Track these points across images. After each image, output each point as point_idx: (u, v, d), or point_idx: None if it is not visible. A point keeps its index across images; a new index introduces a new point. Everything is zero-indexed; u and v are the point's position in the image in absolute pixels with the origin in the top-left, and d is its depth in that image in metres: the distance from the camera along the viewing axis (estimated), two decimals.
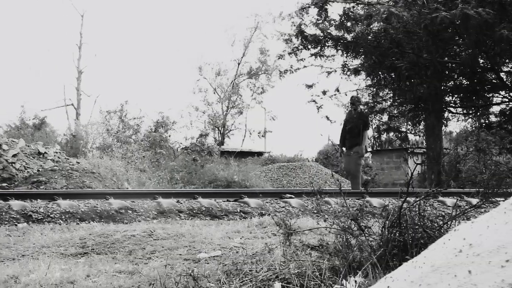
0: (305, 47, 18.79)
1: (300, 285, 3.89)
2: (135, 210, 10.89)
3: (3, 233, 8.67)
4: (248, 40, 38.15)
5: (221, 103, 38.24)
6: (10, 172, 19.24)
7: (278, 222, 4.93)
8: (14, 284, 4.92)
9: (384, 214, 4.48)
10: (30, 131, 31.45)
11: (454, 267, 1.91)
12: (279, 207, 11.71)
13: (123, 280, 5.01)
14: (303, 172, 25.71)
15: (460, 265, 1.91)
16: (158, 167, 24.25)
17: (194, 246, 6.73)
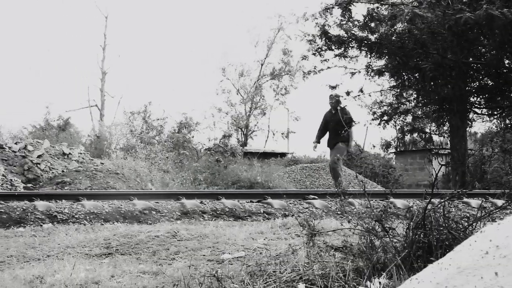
0: (329, 48, 18.75)
1: (324, 286, 3.87)
2: (159, 211, 10.92)
3: (28, 234, 8.73)
4: (272, 41, 38.14)
5: (244, 104, 38.24)
6: (35, 173, 19.40)
7: (302, 223, 4.93)
8: (39, 284, 4.96)
9: (409, 215, 4.45)
10: (55, 132, 31.68)
11: (480, 269, 1.90)
12: (302, 208, 11.69)
13: (147, 280, 5.02)
14: (327, 173, 25.60)
15: (486, 267, 1.89)
16: (181, 168, 24.30)
17: (217, 247, 6.74)
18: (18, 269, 5.80)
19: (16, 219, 9.88)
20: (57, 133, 31.52)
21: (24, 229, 9.39)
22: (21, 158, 20.03)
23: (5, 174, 17.45)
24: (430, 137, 28.02)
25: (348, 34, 18.35)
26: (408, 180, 29.75)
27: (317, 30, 18.92)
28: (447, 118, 22.49)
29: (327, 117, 14.53)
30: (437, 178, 4.73)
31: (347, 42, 18.30)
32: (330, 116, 14.35)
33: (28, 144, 21.38)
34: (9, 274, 5.38)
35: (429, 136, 28.00)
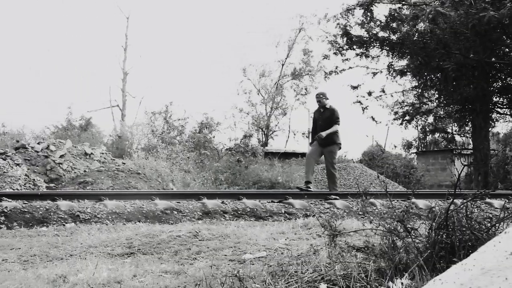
0: (350, 47, 18.70)
1: (346, 286, 3.87)
2: (180, 210, 10.95)
3: (51, 233, 8.80)
4: (293, 41, 38.10)
5: (265, 104, 38.22)
6: (57, 173, 19.55)
7: (323, 224, 4.92)
8: (62, 284, 4.99)
9: (431, 215, 4.43)
10: (77, 132, 31.88)
11: (505, 270, 1.89)
12: (323, 208, 11.67)
13: (169, 280, 5.04)
14: (348, 173, 25.55)
15: (511, 268, 1.88)
16: (202, 168, 24.36)
17: (239, 247, 6.74)
18: (41, 268, 5.84)
19: (39, 218, 9.96)
20: (79, 133, 31.72)
21: (47, 228, 9.46)
22: (44, 158, 20.19)
23: (28, 174, 17.59)
24: (452, 137, 27.87)
25: (370, 34, 18.29)
26: (430, 180, 29.59)
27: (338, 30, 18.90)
28: (470, 118, 22.34)
29: (315, 116, 14.25)
30: (459, 178, 4.71)
31: (368, 42, 18.25)
32: (318, 114, 14.03)
33: (51, 144, 21.55)
34: (32, 273, 5.42)
35: (451, 136, 27.85)
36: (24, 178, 16.84)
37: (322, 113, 13.79)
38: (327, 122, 13.57)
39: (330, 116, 13.60)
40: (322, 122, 13.69)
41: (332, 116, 13.59)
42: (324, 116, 13.71)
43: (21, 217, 9.89)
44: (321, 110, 13.88)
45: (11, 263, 6.30)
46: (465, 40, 17.68)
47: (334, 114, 13.63)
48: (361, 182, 23.50)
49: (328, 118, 13.60)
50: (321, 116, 13.81)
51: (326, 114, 13.69)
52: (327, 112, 13.69)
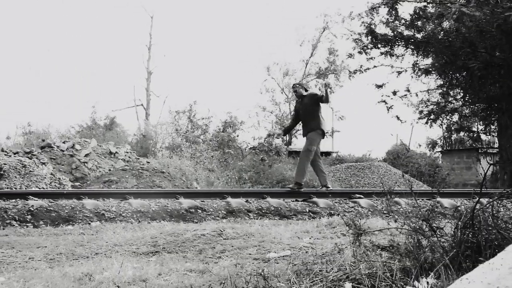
0: (374, 46, 18.61)
1: (371, 285, 3.86)
2: (204, 209, 10.98)
3: (77, 232, 8.87)
4: (317, 40, 37.98)
5: (289, 103, 38.15)
6: (82, 172, 19.68)
7: (348, 222, 4.91)
8: (88, 282, 5.02)
9: (457, 215, 4.40)
10: (102, 131, 32.07)
11: None
12: (348, 207, 11.64)
13: (194, 279, 5.05)
14: (372, 172, 25.45)
15: None
16: (226, 167, 24.39)
17: (263, 245, 6.75)
18: (67, 266, 5.89)
19: (65, 217, 10.04)
20: (104, 132, 31.91)
21: (72, 227, 9.54)
22: (69, 157, 20.34)
23: (54, 172, 17.73)
24: (478, 136, 27.63)
25: (395, 33, 18.20)
26: (455, 179, 29.38)
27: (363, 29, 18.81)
28: (495, 117, 22.15)
29: (296, 107, 13.88)
30: (485, 177, 4.67)
31: (393, 41, 18.16)
32: (298, 105, 13.62)
33: (76, 143, 21.71)
34: (58, 272, 5.46)
35: (477, 135, 27.62)
36: (50, 177, 16.97)
37: (301, 102, 13.35)
38: (309, 107, 13.06)
39: (310, 100, 13.07)
40: (304, 111, 13.24)
41: (313, 97, 13.06)
42: (304, 102, 13.22)
43: (47, 215, 9.98)
44: (299, 100, 13.51)
45: (37, 262, 6.36)
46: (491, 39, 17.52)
47: (315, 95, 13.10)
48: (386, 181, 23.40)
49: (308, 103, 13.08)
50: (301, 105, 13.36)
51: (305, 100, 13.19)
52: (305, 98, 13.19)
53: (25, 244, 7.52)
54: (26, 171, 16.29)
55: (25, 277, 5.18)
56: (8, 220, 9.70)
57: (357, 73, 21.27)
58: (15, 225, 9.59)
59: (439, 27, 18.39)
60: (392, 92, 21.31)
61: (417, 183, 24.26)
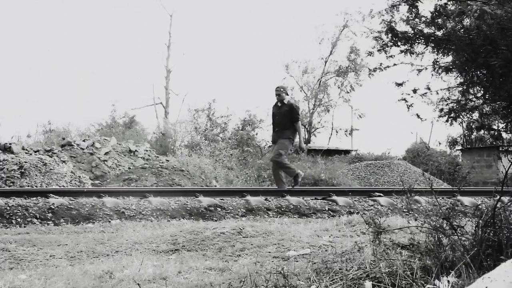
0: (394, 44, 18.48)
1: (391, 284, 3.85)
2: (224, 207, 11.01)
3: (97, 229, 8.92)
4: (336, 38, 37.89)
5: (308, 101, 38.10)
6: (102, 170, 19.78)
7: (368, 221, 4.90)
8: (109, 280, 5.05)
9: (477, 213, 4.38)
10: (121, 130, 32.17)
11: None
12: (367, 206, 11.62)
13: (214, 277, 5.07)
14: (391, 170, 25.38)
15: None
16: (245, 165, 24.39)
17: (283, 244, 6.75)
18: (88, 264, 5.93)
19: (85, 215, 10.10)
20: (123, 130, 32.01)
21: (93, 225, 9.59)
22: (89, 155, 20.45)
23: (74, 171, 17.84)
24: (499, 134, 27.41)
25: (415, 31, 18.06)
26: (475, 177, 29.20)
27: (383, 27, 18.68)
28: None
29: (273, 111, 13.50)
30: (507, 175, 4.64)
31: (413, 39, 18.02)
32: (276, 109, 13.31)
33: (96, 141, 21.82)
34: (79, 269, 5.50)
35: (497, 133, 27.40)
36: (70, 175, 17.08)
37: (280, 107, 13.13)
38: (285, 118, 12.95)
39: (288, 112, 12.95)
40: (280, 117, 13.09)
41: (291, 112, 12.99)
42: (281, 110, 13.05)
43: (68, 213, 10.04)
44: (278, 104, 13.23)
45: (58, 259, 6.41)
46: None
47: (294, 110, 13.08)
48: (405, 179, 23.31)
49: (286, 113, 12.96)
50: (279, 111, 13.15)
51: (284, 108, 13.01)
52: (285, 107, 13.02)
53: (46, 242, 7.57)
54: (46, 169, 16.40)
55: (46, 275, 5.21)
56: (29, 218, 9.77)
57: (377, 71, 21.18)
58: (36, 223, 9.66)
59: (459, 24, 18.20)
60: (412, 90, 21.16)
61: (437, 182, 24.16)
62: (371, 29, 19.48)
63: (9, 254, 6.63)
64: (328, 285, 4.00)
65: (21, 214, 9.84)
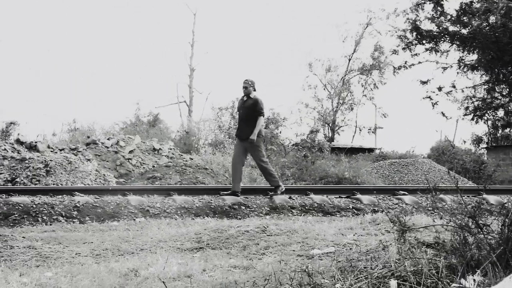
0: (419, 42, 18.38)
1: (416, 283, 3.84)
2: (248, 206, 11.03)
3: (122, 227, 8.97)
4: (360, 36, 37.77)
5: (331, 99, 38.01)
6: (127, 168, 19.91)
7: (392, 219, 4.88)
8: (134, 277, 5.09)
9: (503, 211, 4.35)
10: (145, 128, 32.33)
11: None
12: (392, 204, 11.59)
13: (238, 275, 5.08)
14: (416, 168, 25.23)
15: None
16: None
17: (307, 242, 6.75)
18: (113, 262, 5.97)
19: (110, 213, 10.17)
20: (147, 129, 32.16)
21: (118, 223, 9.65)
22: (114, 153, 20.59)
23: (99, 169, 17.95)
24: None
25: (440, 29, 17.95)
26: (501, 176, 28.96)
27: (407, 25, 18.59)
28: None
29: (238, 105, 12.99)
30: None
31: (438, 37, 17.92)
32: (241, 103, 12.71)
33: (120, 139, 21.96)
34: (105, 267, 5.54)
35: None
36: (95, 173, 17.18)
37: (245, 101, 12.52)
38: (250, 113, 12.30)
39: (253, 106, 12.29)
40: (244, 112, 12.51)
41: (256, 106, 12.29)
42: (246, 105, 12.45)
43: (93, 211, 10.11)
44: (244, 98, 12.61)
45: (84, 257, 6.46)
46: None
47: (258, 105, 12.32)
48: (430, 177, 23.17)
49: (250, 107, 12.32)
50: (243, 105, 12.57)
51: (248, 103, 12.40)
52: (249, 101, 12.39)
53: (71, 240, 7.64)
54: (71, 168, 16.52)
55: (72, 272, 5.26)
56: (55, 216, 9.86)
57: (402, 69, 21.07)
58: (61, 220, 9.74)
59: (485, 22, 18.05)
60: (438, 88, 21.04)
61: (462, 180, 23.99)
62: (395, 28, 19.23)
63: (36, 251, 6.71)
64: (353, 283, 4.00)
65: (47, 212, 9.93)
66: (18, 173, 16.25)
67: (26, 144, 19.56)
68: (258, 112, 12.23)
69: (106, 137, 23.03)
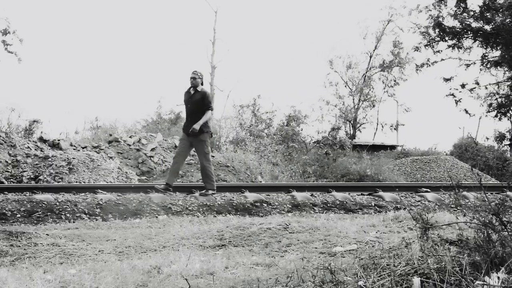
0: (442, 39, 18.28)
1: (439, 280, 3.82)
2: (269, 203, 11.04)
3: (144, 225, 9.02)
4: (381, 32, 37.64)
5: (353, 96, 37.91)
6: (149, 166, 19.98)
7: (415, 216, 4.86)
8: (157, 275, 5.11)
9: None
10: (167, 126, 32.42)
11: None
12: (414, 201, 11.54)
13: (261, 272, 5.09)
14: (438, 166, 25.13)
15: None
16: (290, 160, 24.38)
17: (329, 239, 6.74)
18: (136, 259, 6.00)
19: (133, 210, 10.22)
20: (169, 126, 32.24)
21: (140, 220, 9.71)
22: (136, 151, 20.67)
23: (121, 166, 18.02)
24: None
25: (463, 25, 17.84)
26: None
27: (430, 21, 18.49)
28: None
29: (185, 98, 12.17)
30: None
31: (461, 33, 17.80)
32: (188, 96, 12.01)
33: (142, 137, 22.04)
34: (128, 264, 5.57)
35: None
36: (117, 171, 17.26)
37: (193, 95, 11.92)
38: (197, 106, 11.76)
39: (200, 99, 11.78)
40: (192, 106, 11.89)
41: (203, 99, 11.81)
42: (194, 99, 11.87)
43: (116, 209, 10.18)
44: (191, 91, 12.00)
45: (107, 254, 6.50)
46: None
47: (206, 98, 11.88)
48: (453, 174, 23.05)
49: (198, 101, 11.79)
50: (190, 99, 11.95)
51: (196, 96, 11.84)
52: (197, 94, 11.85)
53: (94, 237, 7.69)
54: (94, 165, 16.60)
55: (95, 270, 5.30)
56: (78, 214, 9.94)
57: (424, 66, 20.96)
58: (84, 218, 9.81)
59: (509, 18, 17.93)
60: (461, 85, 20.92)
61: (485, 177, 23.85)
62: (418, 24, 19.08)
63: (59, 249, 6.76)
64: (376, 281, 3.99)
65: (70, 210, 10.01)
66: (41, 171, 16.38)
67: (49, 142, 19.70)
68: (207, 105, 11.79)
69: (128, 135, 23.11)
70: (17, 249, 6.69)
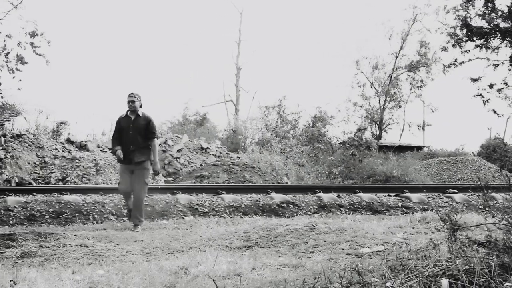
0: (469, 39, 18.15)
1: (468, 281, 3.79)
2: (296, 204, 11.03)
3: (171, 226, 9.07)
4: (406, 33, 37.42)
5: (379, 97, 37.72)
6: (175, 167, 20.03)
7: (443, 217, 4.84)
8: (184, 275, 5.13)
9: None
10: (193, 127, 32.53)
11: None
12: (441, 202, 11.47)
13: (287, 273, 5.09)
14: (465, 166, 24.93)
15: None
16: (316, 161, 24.33)
17: (356, 241, 6.73)
18: (163, 260, 6.03)
19: (160, 211, 10.27)
20: (195, 128, 32.36)
21: (167, 221, 9.75)
22: (162, 152, 20.74)
23: None
24: None
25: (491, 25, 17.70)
26: None
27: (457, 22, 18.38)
28: None
29: (123, 124, 10.36)
30: None
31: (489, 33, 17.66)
32: (127, 122, 10.30)
33: (168, 139, 22.12)
34: (155, 265, 5.60)
35: None
36: None
37: (134, 120, 10.26)
38: (142, 133, 10.19)
39: (145, 127, 10.21)
40: (134, 132, 10.19)
41: (149, 127, 10.25)
42: (136, 124, 10.23)
43: None
44: (131, 116, 10.32)
45: (134, 255, 6.54)
46: None
47: (152, 125, 10.33)
48: (480, 175, 22.86)
49: (142, 128, 10.21)
50: (132, 125, 10.23)
51: (140, 122, 10.25)
52: (140, 120, 10.27)
53: (122, 238, 7.74)
54: None
55: (123, 270, 5.32)
56: (106, 215, 10.01)
57: (452, 66, 20.82)
58: (112, 219, 9.89)
59: None
60: (489, 85, 20.75)
61: None
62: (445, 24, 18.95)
63: (87, 249, 6.81)
64: (404, 282, 3.97)
65: (98, 211, 10.09)
66: (68, 172, 16.52)
67: (76, 143, 19.87)
68: (153, 134, 10.33)
69: None
70: (46, 250, 6.75)
